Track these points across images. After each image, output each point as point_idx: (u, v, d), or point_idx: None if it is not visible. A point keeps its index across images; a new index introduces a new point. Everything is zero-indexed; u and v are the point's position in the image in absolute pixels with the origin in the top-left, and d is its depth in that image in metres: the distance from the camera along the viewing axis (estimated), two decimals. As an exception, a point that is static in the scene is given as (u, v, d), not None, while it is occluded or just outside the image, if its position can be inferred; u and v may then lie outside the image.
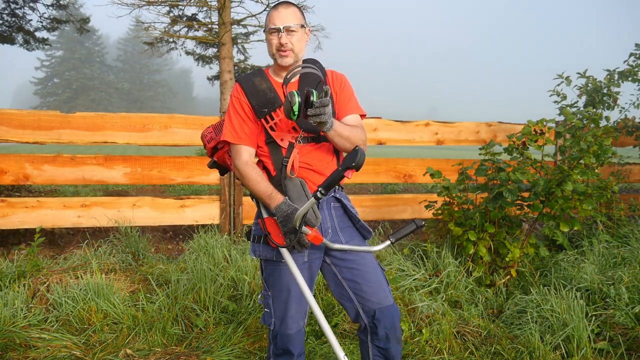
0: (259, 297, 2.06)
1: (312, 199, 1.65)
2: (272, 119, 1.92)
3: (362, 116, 2.06)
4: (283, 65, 1.93)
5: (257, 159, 2.02)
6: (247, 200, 4.68)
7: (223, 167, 2.20)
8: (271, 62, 2.07)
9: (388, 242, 1.93)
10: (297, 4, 1.96)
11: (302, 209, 1.70)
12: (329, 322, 2.89)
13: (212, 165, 2.20)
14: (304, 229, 1.77)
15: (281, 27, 1.87)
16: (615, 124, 5.32)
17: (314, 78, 1.97)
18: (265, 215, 1.89)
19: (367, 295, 1.94)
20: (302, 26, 1.93)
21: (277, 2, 1.96)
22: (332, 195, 1.99)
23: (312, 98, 1.64)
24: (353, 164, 1.54)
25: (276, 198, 1.83)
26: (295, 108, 1.64)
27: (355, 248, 1.94)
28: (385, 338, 1.93)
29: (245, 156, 1.94)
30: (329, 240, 1.93)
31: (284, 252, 1.83)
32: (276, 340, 2.00)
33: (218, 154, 2.14)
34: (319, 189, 1.62)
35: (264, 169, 1.98)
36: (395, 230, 1.99)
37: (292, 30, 1.89)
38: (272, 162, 1.93)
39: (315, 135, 1.93)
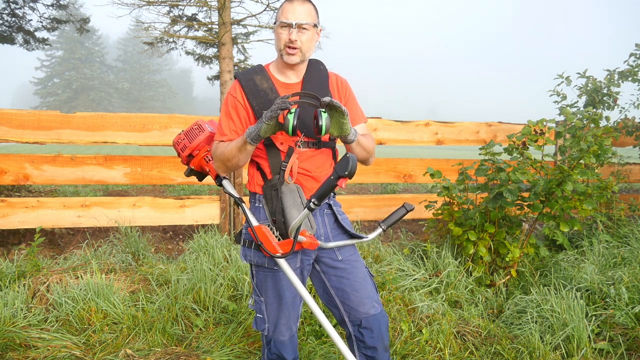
0: (250, 301, 2.03)
1: (306, 211, 1.60)
2: None
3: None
4: (288, 62, 1.83)
5: (251, 159, 1.94)
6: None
7: (201, 174, 2.10)
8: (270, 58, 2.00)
9: (380, 230, 1.91)
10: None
11: (296, 220, 1.66)
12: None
13: (189, 174, 2.11)
14: (299, 237, 1.74)
15: (293, 23, 1.77)
16: (615, 124, 5.32)
17: (316, 80, 1.92)
18: (254, 223, 1.83)
19: (354, 304, 1.92)
20: (315, 25, 1.82)
21: None
22: (325, 202, 1.95)
23: (320, 122, 1.61)
24: (346, 173, 1.47)
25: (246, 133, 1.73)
26: (290, 130, 1.61)
27: (348, 242, 1.92)
28: (372, 347, 1.93)
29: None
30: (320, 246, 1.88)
31: (281, 261, 1.79)
32: (270, 346, 1.99)
33: (194, 161, 2.03)
34: (312, 200, 1.56)
35: (259, 170, 1.90)
36: (390, 224, 1.95)
37: (304, 28, 1.78)
38: (269, 165, 1.86)
39: (315, 141, 1.87)
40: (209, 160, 2.03)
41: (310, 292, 3.13)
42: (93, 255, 3.93)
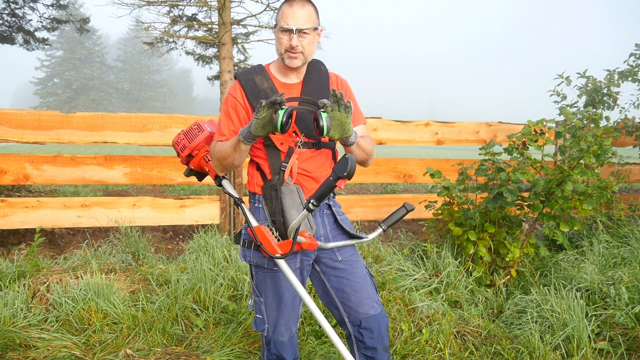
0: (250, 302, 2.03)
1: (305, 212, 1.59)
2: None
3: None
4: (290, 66, 1.83)
5: (250, 159, 1.94)
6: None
7: (201, 174, 2.11)
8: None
9: (380, 230, 1.91)
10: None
11: (296, 221, 1.66)
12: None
13: (188, 174, 2.11)
14: (299, 237, 1.74)
15: (294, 29, 1.75)
16: (615, 124, 5.32)
17: (317, 81, 1.92)
18: (254, 223, 1.83)
19: (354, 305, 1.92)
20: (316, 28, 1.81)
21: None
22: (325, 202, 1.95)
23: (321, 123, 1.60)
24: (345, 174, 1.46)
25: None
26: (278, 126, 1.59)
27: (348, 242, 1.92)
28: (372, 347, 1.93)
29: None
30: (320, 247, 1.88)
31: (280, 261, 1.79)
32: (269, 346, 1.99)
33: (193, 161, 2.03)
34: (311, 201, 1.55)
35: (258, 170, 1.90)
36: (391, 224, 1.95)
37: (305, 33, 1.77)
38: (269, 165, 1.85)
39: (315, 141, 1.87)
40: (209, 160, 2.03)
41: (310, 293, 3.13)
42: (93, 255, 3.93)
